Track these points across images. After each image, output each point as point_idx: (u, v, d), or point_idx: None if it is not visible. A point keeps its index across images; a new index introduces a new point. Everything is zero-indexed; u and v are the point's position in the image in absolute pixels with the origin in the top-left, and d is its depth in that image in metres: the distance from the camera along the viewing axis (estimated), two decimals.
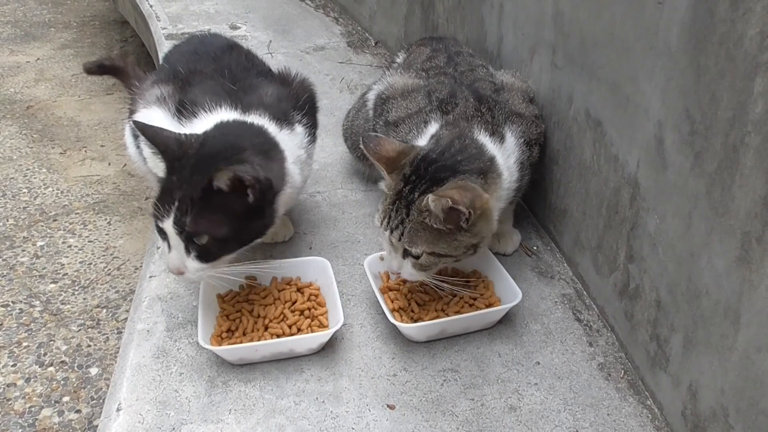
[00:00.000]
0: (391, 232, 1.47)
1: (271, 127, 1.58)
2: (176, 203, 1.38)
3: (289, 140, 1.62)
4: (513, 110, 1.71)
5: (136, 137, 1.74)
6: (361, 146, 1.51)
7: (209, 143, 1.46)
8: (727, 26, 1.09)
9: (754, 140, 1.05)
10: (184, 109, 1.58)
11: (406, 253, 1.48)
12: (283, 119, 1.63)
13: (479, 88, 1.71)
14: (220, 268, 1.48)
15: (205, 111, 1.57)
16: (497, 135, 1.61)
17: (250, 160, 1.44)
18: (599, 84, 1.53)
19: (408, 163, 1.48)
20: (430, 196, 1.37)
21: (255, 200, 1.41)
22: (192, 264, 1.43)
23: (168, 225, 1.40)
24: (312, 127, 1.75)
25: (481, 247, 1.51)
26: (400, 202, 1.46)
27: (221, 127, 1.53)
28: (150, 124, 1.45)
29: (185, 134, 1.47)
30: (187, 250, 1.42)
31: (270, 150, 1.53)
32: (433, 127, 1.65)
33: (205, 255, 1.43)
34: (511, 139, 1.64)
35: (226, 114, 1.57)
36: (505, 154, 1.60)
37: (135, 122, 1.47)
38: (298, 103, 1.71)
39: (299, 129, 1.68)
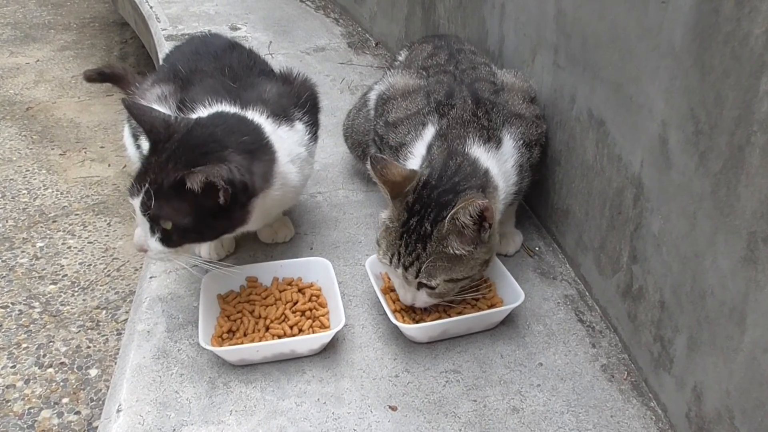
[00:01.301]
0: (406, 269, 1.45)
1: (267, 124, 1.57)
2: (146, 185, 1.39)
3: (288, 137, 1.61)
4: (512, 111, 1.70)
5: (136, 138, 1.74)
6: (368, 167, 1.48)
7: (196, 132, 1.44)
8: (733, 25, 1.08)
9: (760, 139, 1.04)
10: (184, 107, 1.58)
11: (420, 285, 1.47)
12: (282, 116, 1.62)
13: (478, 90, 1.70)
14: (183, 254, 1.49)
15: (204, 108, 1.56)
16: (493, 140, 1.60)
17: (228, 159, 1.42)
18: (602, 84, 1.53)
19: (411, 190, 1.46)
20: (459, 209, 1.36)
21: (226, 202, 1.41)
22: (154, 245, 1.44)
23: (136, 203, 1.42)
24: (313, 125, 1.74)
25: (492, 262, 1.51)
26: (409, 236, 1.44)
27: (215, 117, 1.51)
28: (138, 103, 1.44)
29: (175, 117, 1.46)
30: (152, 231, 1.43)
31: (257, 150, 1.51)
32: (430, 130, 1.64)
33: (167, 239, 1.43)
34: (509, 142, 1.63)
35: (224, 107, 1.56)
36: (502, 159, 1.60)
37: (123, 100, 1.46)
38: (299, 101, 1.71)
39: (299, 126, 1.67)
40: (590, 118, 1.59)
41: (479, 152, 1.56)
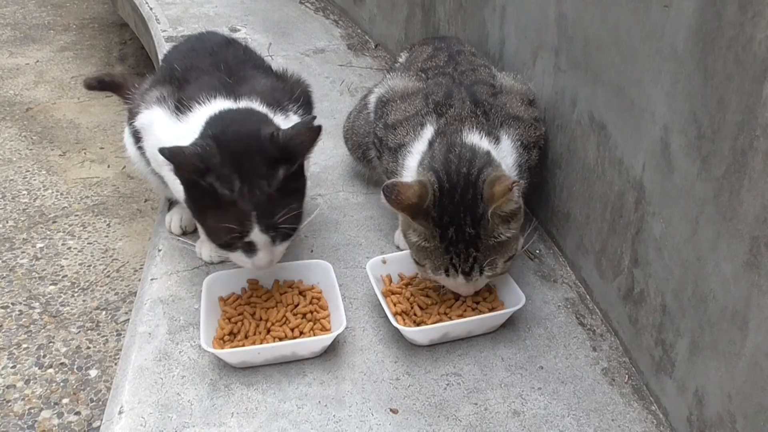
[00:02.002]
0: (467, 274, 1.45)
1: (263, 110, 1.58)
2: (255, 212, 1.39)
3: (285, 125, 1.60)
4: (510, 113, 1.70)
5: (137, 139, 1.73)
6: (383, 200, 1.42)
7: (225, 142, 1.43)
8: (736, 29, 1.08)
9: (762, 144, 1.03)
10: (181, 106, 1.57)
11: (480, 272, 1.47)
12: (277, 106, 1.62)
13: (477, 92, 1.69)
14: None
15: (200, 104, 1.55)
16: (492, 136, 1.60)
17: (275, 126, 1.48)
18: (604, 87, 1.52)
19: (431, 205, 1.43)
20: (501, 204, 1.37)
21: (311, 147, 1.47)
22: (279, 248, 1.49)
23: (256, 235, 1.42)
24: None
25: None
26: (456, 247, 1.42)
27: (223, 118, 1.50)
28: (172, 148, 1.39)
29: (194, 146, 1.41)
30: (273, 241, 1.45)
31: (270, 122, 1.54)
32: (428, 130, 1.64)
33: (289, 235, 1.48)
34: (507, 142, 1.63)
35: (219, 104, 1.55)
36: (501, 155, 1.59)
37: (161, 150, 1.38)
38: (293, 95, 1.71)
39: (294, 118, 1.67)
40: (591, 121, 1.59)
41: (477, 139, 1.56)
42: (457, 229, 1.42)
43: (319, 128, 1.44)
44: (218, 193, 1.39)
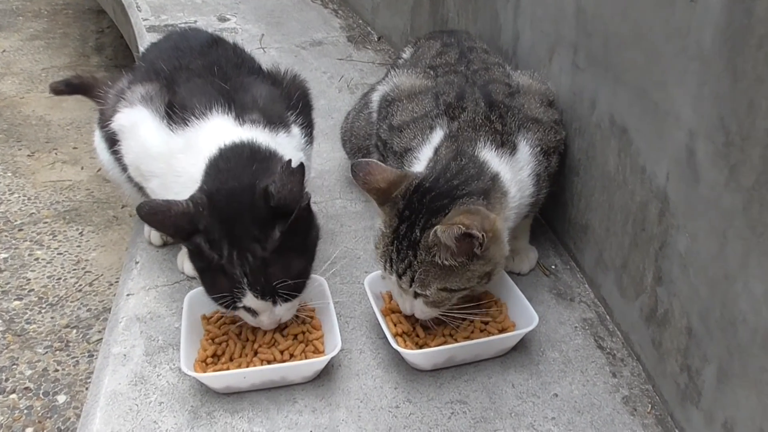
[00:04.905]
0: (399, 277, 1.47)
1: (264, 134, 1.58)
2: (246, 279, 1.40)
3: (288, 144, 1.63)
4: (529, 116, 1.71)
5: (112, 143, 1.73)
6: (351, 174, 1.50)
7: (219, 201, 1.43)
8: (767, 27, 1.10)
9: None
10: (174, 114, 1.58)
11: (417, 294, 1.48)
12: (279, 122, 1.64)
13: (492, 92, 1.71)
14: None
15: (196, 117, 1.57)
16: (507, 146, 1.61)
17: (269, 180, 1.44)
18: (625, 88, 1.55)
19: (400, 195, 1.48)
20: (438, 228, 1.37)
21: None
22: (283, 309, 1.48)
23: (251, 301, 1.42)
24: (308, 126, 1.76)
25: (496, 275, 1.52)
26: (399, 242, 1.46)
27: (218, 170, 1.49)
28: (154, 210, 1.39)
29: (186, 204, 1.41)
30: (275, 303, 1.45)
31: (271, 169, 1.52)
32: (438, 134, 1.65)
33: (293, 295, 1.48)
34: (525, 149, 1.65)
35: (218, 120, 1.57)
36: (517, 166, 1.61)
37: (139, 210, 1.41)
38: (291, 102, 1.72)
39: (296, 130, 1.69)
40: (612, 124, 1.61)
41: (489, 156, 1.57)
42: (409, 227, 1.45)
43: (301, 167, 1.42)
44: (206, 256, 1.40)
